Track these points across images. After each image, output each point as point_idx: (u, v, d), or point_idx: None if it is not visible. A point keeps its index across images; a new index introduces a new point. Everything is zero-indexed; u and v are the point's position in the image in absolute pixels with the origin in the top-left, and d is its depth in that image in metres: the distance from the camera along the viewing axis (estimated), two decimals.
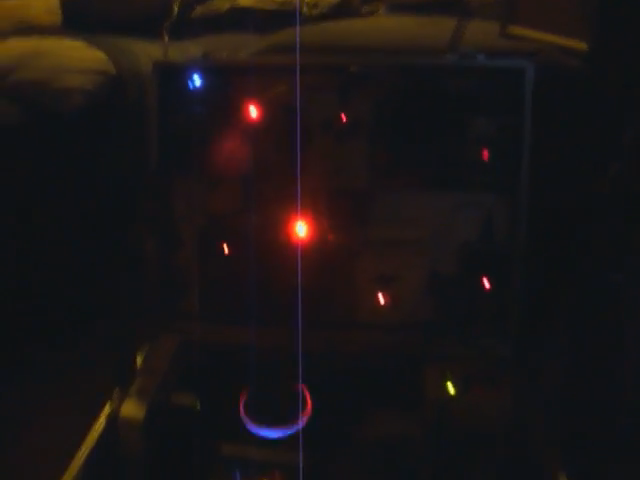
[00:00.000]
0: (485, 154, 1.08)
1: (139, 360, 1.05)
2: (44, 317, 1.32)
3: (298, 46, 0.98)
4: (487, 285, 1.10)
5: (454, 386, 1.02)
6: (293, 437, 0.98)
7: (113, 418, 0.95)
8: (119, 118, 1.31)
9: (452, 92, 1.08)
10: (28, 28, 1.59)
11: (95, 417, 0.95)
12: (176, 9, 1.52)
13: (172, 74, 1.11)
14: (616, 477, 0.94)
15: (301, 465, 0.93)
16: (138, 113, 1.21)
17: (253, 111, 1.10)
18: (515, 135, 1.06)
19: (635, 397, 0.95)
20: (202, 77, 1.10)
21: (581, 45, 1.11)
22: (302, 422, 0.99)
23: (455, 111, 1.08)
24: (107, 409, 0.96)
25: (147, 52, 1.41)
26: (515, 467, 0.95)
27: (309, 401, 1.03)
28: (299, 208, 1.08)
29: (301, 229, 1.10)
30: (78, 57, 1.33)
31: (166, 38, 1.30)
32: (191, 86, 1.11)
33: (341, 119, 1.09)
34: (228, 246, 1.14)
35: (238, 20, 1.69)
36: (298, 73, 0.99)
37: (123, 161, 1.29)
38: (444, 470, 0.96)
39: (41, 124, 1.23)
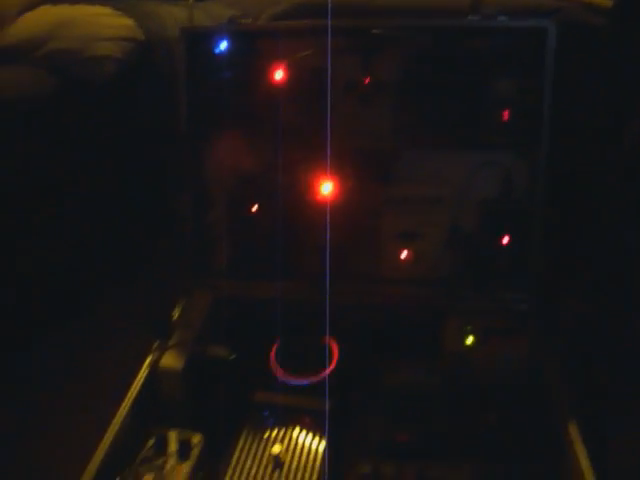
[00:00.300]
0: (506, 114, 1.10)
1: (176, 315, 1.13)
2: (91, 274, 1.40)
3: (330, 7, 1.00)
4: (506, 241, 1.14)
5: (473, 338, 1.09)
6: (320, 384, 1.06)
7: (155, 368, 1.03)
8: (149, 82, 1.34)
9: (474, 53, 1.09)
10: None
11: (137, 367, 1.03)
12: None
13: (199, 39, 1.14)
14: (623, 426, 0.99)
15: (327, 410, 1.00)
16: (167, 77, 1.24)
17: (279, 74, 1.13)
18: (536, 95, 1.07)
19: None
20: (229, 41, 1.13)
21: (604, 1, 1.10)
22: (328, 371, 1.06)
23: (477, 72, 1.09)
24: (149, 360, 1.04)
25: (173, 15, 1.43)
26: (528, 415, 1.01)
27: (335, 351, 1.10)
28: (326, 168, 1.13)
29: (327, 188, 1.15)
30: (107, 25, 1.36)
31: (191, 0, 1.32)
32: (218, 50, 1.14)
33: (365, 81, 1.13)
34: (257, 205, 1.20)
35: None
36: (329, 34, 1.02)
37: (155, 124, 1.33)
38: (461, 416, 1.02)
39: (75, 92, 1.27)
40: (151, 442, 0.96)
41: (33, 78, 1.24)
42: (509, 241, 1.14)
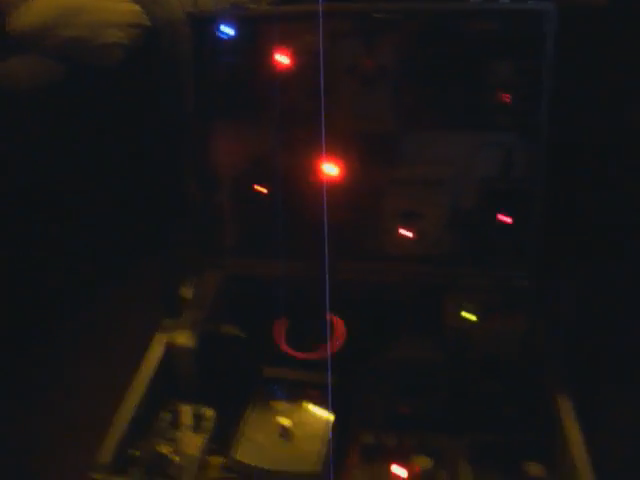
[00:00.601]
0: (507, 96, 1.12)
1: (187, 294, 1.18)
2: (106, 257, 1.45)
3: None
4: (506, 220, 1.17)
5: (472, 314, 1.12)
6: (326, 360, 1.10)
7: (168, 346, 1.08)
8: (157, 67, 1.36)
9: (475, 35, 1.10)
10: None
11: (150, 345, 1.08)
12: None
13: (205, 24, 1.16)
14: (609, 399, 1.03)
15: (330, 385, 1.04)
16: (174, 61, 1.26)
17: (283, 57, 1.15)
18: (536, 77, 1.09)
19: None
20: (233, 26, 1.15)
21: None
22: (333, 347, 1.11)
23: (478, 54, 1.11)
24: (162, 338, 1.09)
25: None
26: (525, 388, 1.05)
27: (340, 328, 1.14)
28: (329, 150, 1.15)
29: (331, 170, 1.18)
30: (114, 11, 1.38)
31: None
32: (223, 35, 1.16)
33: (367, 64, 1.14)
34: (264, 186, 1.23)
35: None
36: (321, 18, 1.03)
37: (164, 108, 1.36)
38: (461, 389, 1.06)
39: (85, 80, 1.29)
40: (166, 416, 1.02)
41: (45, 67, 1.27)
42: (509, 220, 1.17)
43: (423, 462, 0.95)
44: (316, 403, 1.04)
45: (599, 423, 1.01)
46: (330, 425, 1.01)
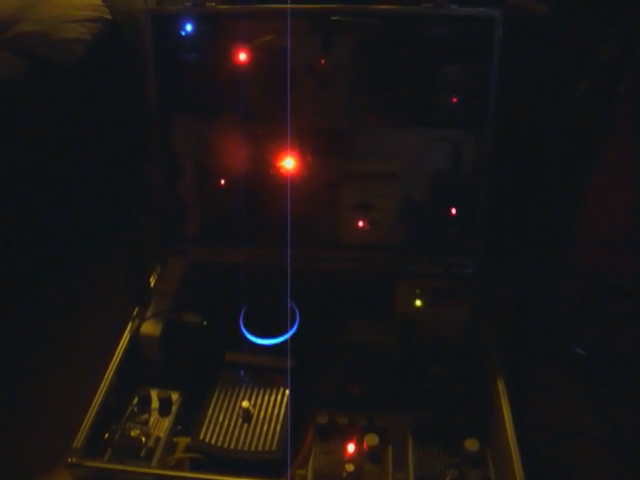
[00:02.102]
0: (456, 95, 1.18)
1: (153, 281, 1.23)
2: (71, 245, 1.48)
3: None
4: (454, 212, 1.25)
5: (422, 300, 1.20)
6: (285, 344, 1.18)
7: (135, 335, 1.14)
8: (119, 60, 1.37)
9: (426, 38, 1.16)
10: None
11: (120, 332, 1.14)
12: None
13: (164, 21, 1.18)
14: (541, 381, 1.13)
15: (289, 367, 1.12)
16: (136, 54, 1.27)
17: (243, 55, 1.19)
18: (484, 78, 1.15)
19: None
20: (194, 23, 1.18)
21: None
22: (291, 332, 1.18)
23: (429, 55, 1.16)
24: (129, 327, 1.15)
25: None
26: (466, 369, 1.14)
27: (297, 313, 1.21)
28: (287, 144, 1.20)
29: (289, 163, 1.24)
30: (74, 5, 1.37)
31: None
32: (184, 31, 1.18)
33: (323, 64, 1.18)
34: (225, 177, 1.28)
35: None
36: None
37: (126, 102, 1.37)
38: (409, 371, 1.15)
39: (45, 76, 1.29)
40: (135, 401, 1.09)
41: (2, 62, 1.26)
42: (457, 212, 1.25)
43: (371, 439, 1.03)
44: (275, 386, 1.11)
45: (530, 403, 1.12)
46: (287, 407, 1.09)
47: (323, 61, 1.18)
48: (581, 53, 1.12)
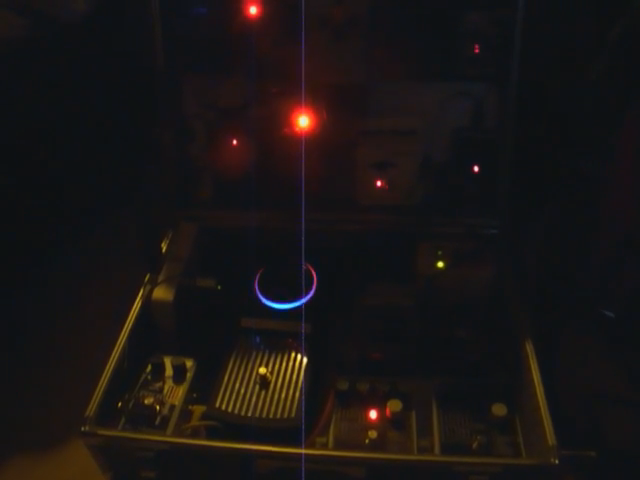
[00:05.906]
0: (477, 46, 1.12)
1: (164, 247, 1.19)
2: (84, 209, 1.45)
3: None
4: (476, 169, 1.20)
5: (444, 261, 1.16)
6: (301, 309, 1.14)
7: (147, 300, 1.10)
8: (123, 17, 1.32)
9: None
10: None
11: (130, 300, 1.10)
12: None
13: None
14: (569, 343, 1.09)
15: (304, 333, 1.08)
16: (142, 10, 1.22)
17: (253, 8, 1.13)
18: (507, 28, 1.09)
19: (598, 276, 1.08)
20: None
21: None
22: (308, 296, 1.14)
23: (450, 5, 1.10)
24: (141, 292, 1.11)
25: None
26: (490, 332, 1.11)
27: (314, 277, 1.18)
28: (301, 101, 1.16)
29: (303, 121, 1.19)
30: None
31: None
32: None
33: (338, 15, 1.13)
34: (237, 138, 1.23)
35: None
36: None
37: (133, 61, 1.33)
38: (431, 335, 1.11)
39: (47, 33, 1.24)
40: (149, 369, 1.06)
41: (2, 19, 1.21)
42: (479, 169, 1.20)
43: (394, 405, 1.00)
44: (292, 352, 1.08)
45: (558, 366, 1.08)
46: (305, 373, 1.06)
47: (338, 12, 1.12)
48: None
